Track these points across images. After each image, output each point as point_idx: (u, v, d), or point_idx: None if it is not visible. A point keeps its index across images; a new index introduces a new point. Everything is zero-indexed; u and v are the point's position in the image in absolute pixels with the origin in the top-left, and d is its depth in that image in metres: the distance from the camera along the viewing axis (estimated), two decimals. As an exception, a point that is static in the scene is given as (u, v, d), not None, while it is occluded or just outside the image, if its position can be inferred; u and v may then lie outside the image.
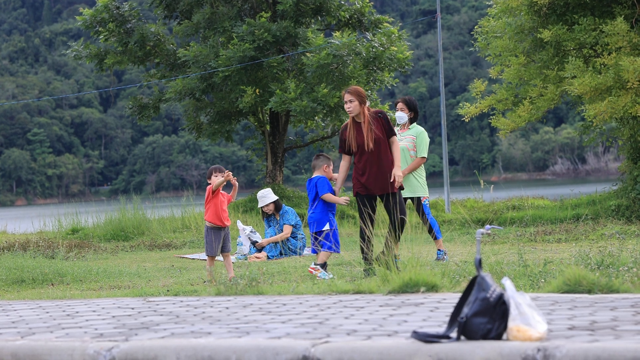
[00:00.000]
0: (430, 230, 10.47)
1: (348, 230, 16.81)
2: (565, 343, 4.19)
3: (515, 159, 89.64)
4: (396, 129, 10.84)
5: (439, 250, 10.50)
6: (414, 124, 10.91)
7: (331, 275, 8.85)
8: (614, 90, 14.23)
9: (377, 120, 9.05)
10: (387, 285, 6.53)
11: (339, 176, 9.26)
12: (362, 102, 9.02)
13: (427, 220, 10.47)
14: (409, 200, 10.53)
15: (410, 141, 10.73)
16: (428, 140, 10.89)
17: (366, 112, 9.05)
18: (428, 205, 10.68)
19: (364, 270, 8.58)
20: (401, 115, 10.82)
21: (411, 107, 10.87)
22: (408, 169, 10.47)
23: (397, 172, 8.95)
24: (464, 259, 9.46)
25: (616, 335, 4.35)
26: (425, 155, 10.78)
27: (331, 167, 9.53)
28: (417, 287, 6.37)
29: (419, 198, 10.58)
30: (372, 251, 8.71)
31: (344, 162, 9.23)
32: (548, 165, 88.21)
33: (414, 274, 6.45)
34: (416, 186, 10.60)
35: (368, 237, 8.68)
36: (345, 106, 9.05)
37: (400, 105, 10.89)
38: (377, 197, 9.09)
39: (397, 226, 8.76)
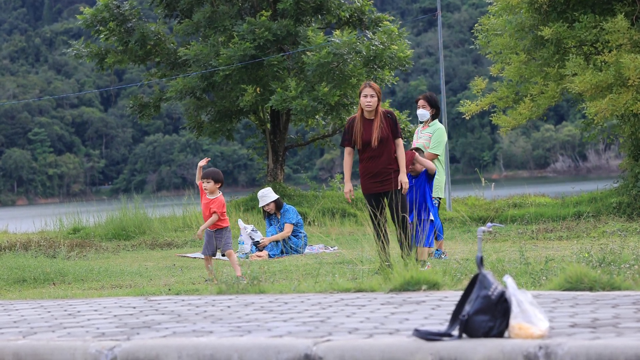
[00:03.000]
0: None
1: (350, 228, 16.81)
2: (567, 340, 4.19)
3: (516, 157, 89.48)
4: (419, 126, 10.70)
5: (437, 249, 10.41)
6: (435, 120, 10.70)
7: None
8: (615, 88, 14.23)
9: (386, 120, 9.00)
10: (388, 284, 6.53)
11: (346, 173, 9.13)
12: (379, 100, 9.01)
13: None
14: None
15: (427, 139, 10.51)
16: (445, 137, 10.56)
17: (379, 109, 9.03)
18: (437, 206, 10.29)
19: (378, 268, 8.30)
20: (423, 113, 10.52)
21: (432, 103, 10.60)
22: (422, 165, 10.32)
23: (403, 179, 8.91)
24: (465, 257, 9.46)
25: (618, 333, 4.35)
26: (437, 152, 10.42)
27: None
28: (419, 285, 6.36)
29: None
30: (386, 250, 8.53)
31: (348, 157, 9.11)
32: (549, 162, 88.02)
33: (415, 272, 6.45)
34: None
35: (382, 236, 8.55)
36: (365, 99, 8.91)
37: (421, 102, 10.57)
38: (383, 194, 9.00)
39: (398, 224, 8.74)
